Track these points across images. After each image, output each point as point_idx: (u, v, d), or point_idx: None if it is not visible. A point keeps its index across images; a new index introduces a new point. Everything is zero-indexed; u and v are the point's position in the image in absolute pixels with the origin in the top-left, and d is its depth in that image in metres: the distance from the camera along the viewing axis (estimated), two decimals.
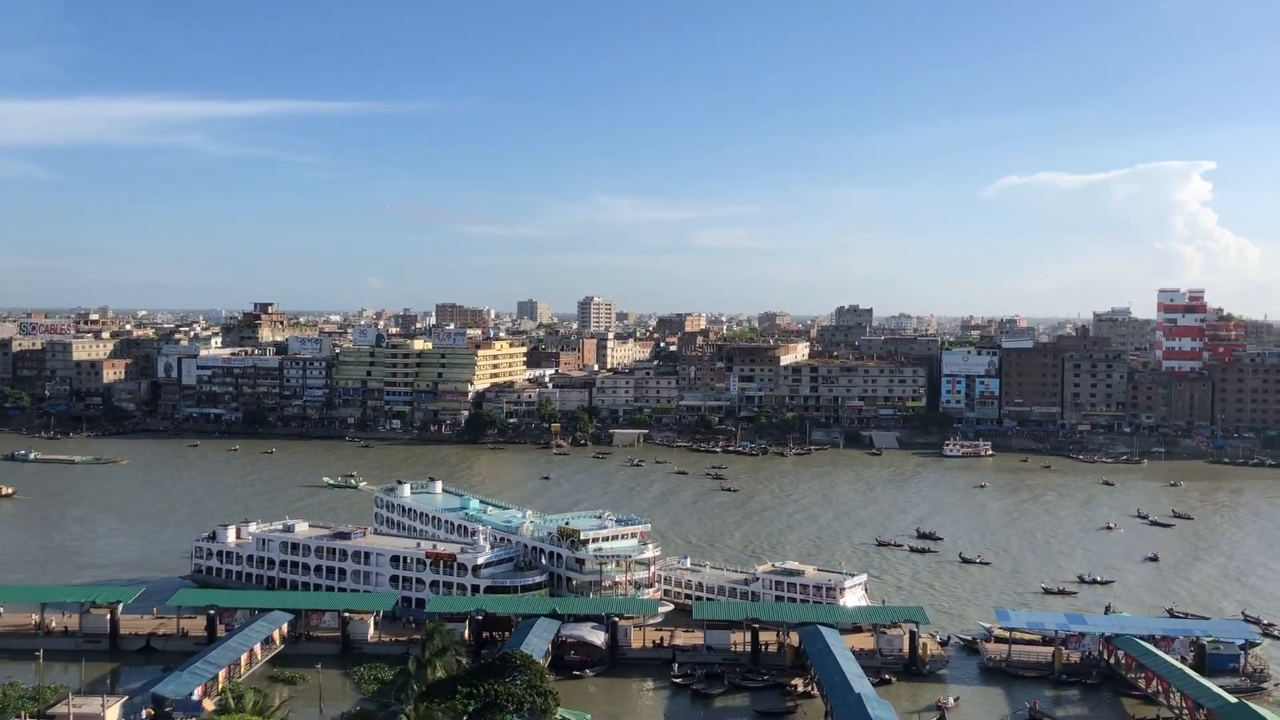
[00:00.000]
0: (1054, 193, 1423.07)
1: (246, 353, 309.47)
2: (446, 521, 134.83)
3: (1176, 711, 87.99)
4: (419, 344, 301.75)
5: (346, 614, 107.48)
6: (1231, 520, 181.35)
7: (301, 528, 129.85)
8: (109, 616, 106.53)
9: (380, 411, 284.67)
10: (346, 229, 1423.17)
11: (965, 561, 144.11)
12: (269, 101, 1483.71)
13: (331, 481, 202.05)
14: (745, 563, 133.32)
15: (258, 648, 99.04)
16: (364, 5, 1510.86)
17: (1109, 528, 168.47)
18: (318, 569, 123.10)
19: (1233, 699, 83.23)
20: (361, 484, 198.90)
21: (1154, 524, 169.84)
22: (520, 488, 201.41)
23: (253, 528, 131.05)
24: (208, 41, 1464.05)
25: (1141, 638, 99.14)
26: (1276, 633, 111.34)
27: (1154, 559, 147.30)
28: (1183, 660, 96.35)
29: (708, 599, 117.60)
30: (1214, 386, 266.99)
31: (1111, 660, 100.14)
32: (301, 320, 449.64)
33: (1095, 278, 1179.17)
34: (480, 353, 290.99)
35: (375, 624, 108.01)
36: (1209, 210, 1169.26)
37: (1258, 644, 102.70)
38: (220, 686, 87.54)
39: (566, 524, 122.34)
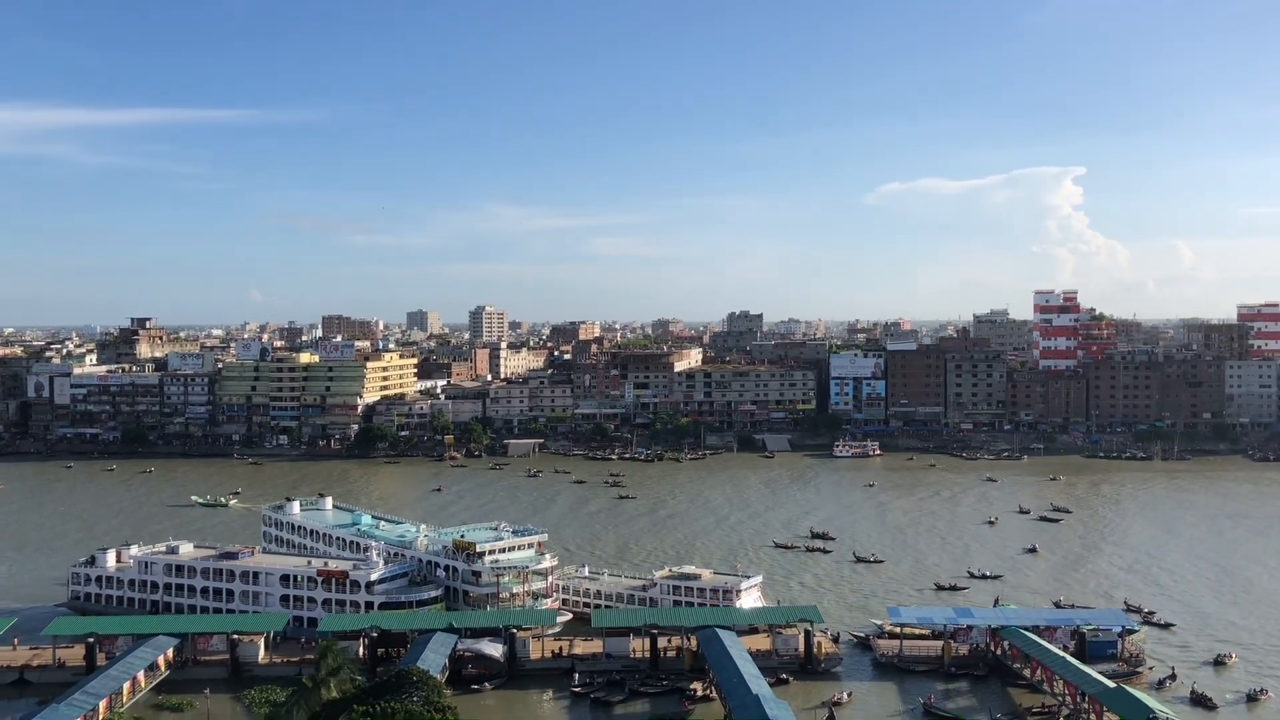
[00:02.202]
0: (934, 198, 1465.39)
1: (124, 370, 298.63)
2: (338, 538, 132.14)
3: (1060, 699, 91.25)
4: (305, 357, 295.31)
5: (235, 636, 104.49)
6: (1109, 512, 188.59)
7: (186, 549, 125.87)
8: None
9: (266, 427, 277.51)
10: (228, 241, 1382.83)
11: (859, 560, 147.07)
12: (144, 110, 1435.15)
13: (201, 501, 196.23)
14: (644, 569, 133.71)
15: (141, 675, 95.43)
16: (242, 10, 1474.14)
17: (990, 522, 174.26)
18: (204, 591, 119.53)
19: (1111, 684, 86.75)
20: (232, 503, 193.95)
21: (1043, 519, 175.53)
22: (414, 502, 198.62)
23: (134, 550, 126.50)
24: (74, 47, 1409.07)
25: (1026, 629, 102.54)
26: (1156, 620, 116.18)
27: (1033, 550, 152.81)
28: (1065, 649, 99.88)
29: (606, 607, 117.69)
30: (1088, 384, 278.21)
31: (998, 652, 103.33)
32: (181, 335, 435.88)
33: (975, 280, 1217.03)
34: (369, 365, 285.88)
35: (266, 645, 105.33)
36: (1081, 214, 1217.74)
37: (1135, 631, 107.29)
38: (101, 717, 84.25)
39: (462, 537, 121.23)
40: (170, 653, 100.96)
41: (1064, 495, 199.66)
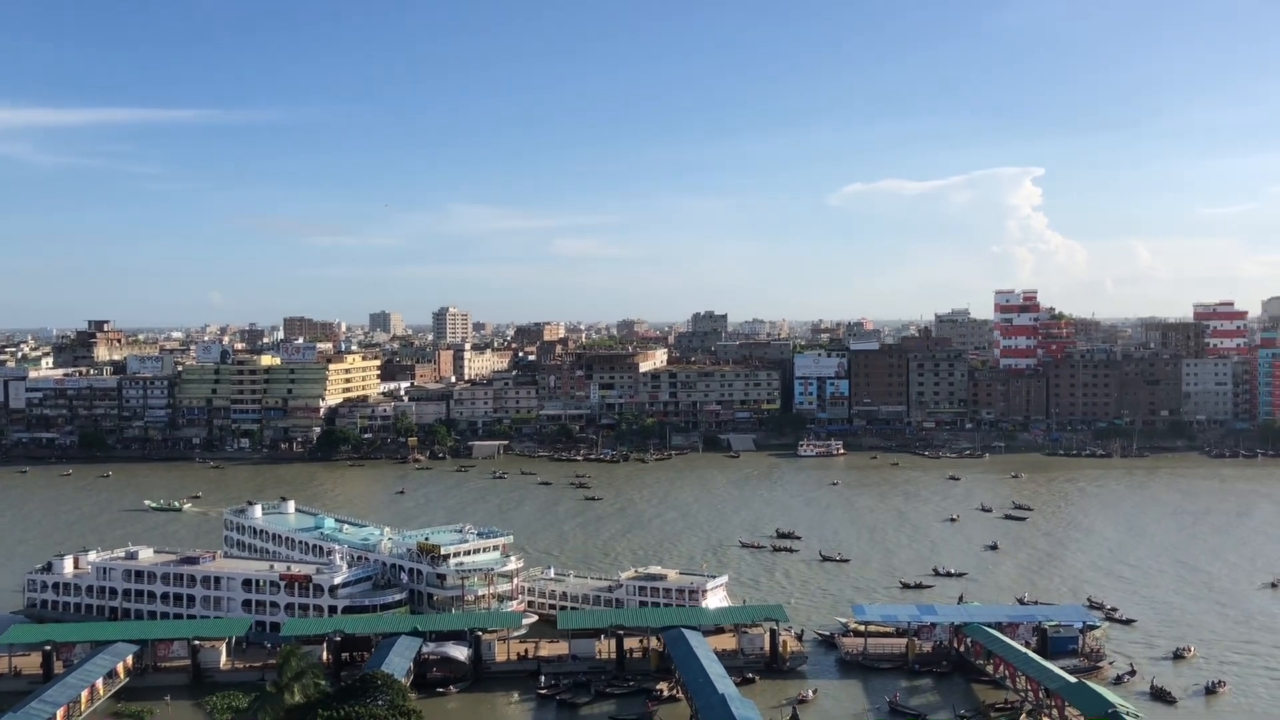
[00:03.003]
0: (896, 199, 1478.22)
1: (81, 373, 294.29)
2: (300, 542, 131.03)
3: (1022, 694, 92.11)
4: (267, 359, 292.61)
5: (196, 642, 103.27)
6: (1072, 510, 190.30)
7: (146, 554, 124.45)
8: None
9: (227, 430, 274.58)
10: (187, 242, 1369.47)
11: (825, 559, 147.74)
12: (102, 109, 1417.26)
13: (154, 505, 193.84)
14: (610, 570, 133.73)
15: (99, 683, 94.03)
16: (203, 9, 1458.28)
17: (952, 519, 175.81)
18: (164, 596, 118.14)
19: (1072, 679, 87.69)
20: (187, 506, 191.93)
21: (1008, 518, 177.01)
22: (377, 505, 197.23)
23: (92, 556, 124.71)
24: (29, 45, 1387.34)
25: (988, 625, 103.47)
26: (1118, 616, 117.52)
27: (994, 548, 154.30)
28: (1027, 645, 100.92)
29: (572, 608, 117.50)
30: (1048, 382, 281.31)
31: (961, 648, 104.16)
32: (140, 338, 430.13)
33: (936, 280, 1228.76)
34: (331, 367, 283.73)
35: (228, 651, 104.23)
36: (1040, 214, 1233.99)
37: (1096, 627, 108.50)
38: None
39: (426, 539, 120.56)
40: (130, 659, 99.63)
41: (1026, 493, 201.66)
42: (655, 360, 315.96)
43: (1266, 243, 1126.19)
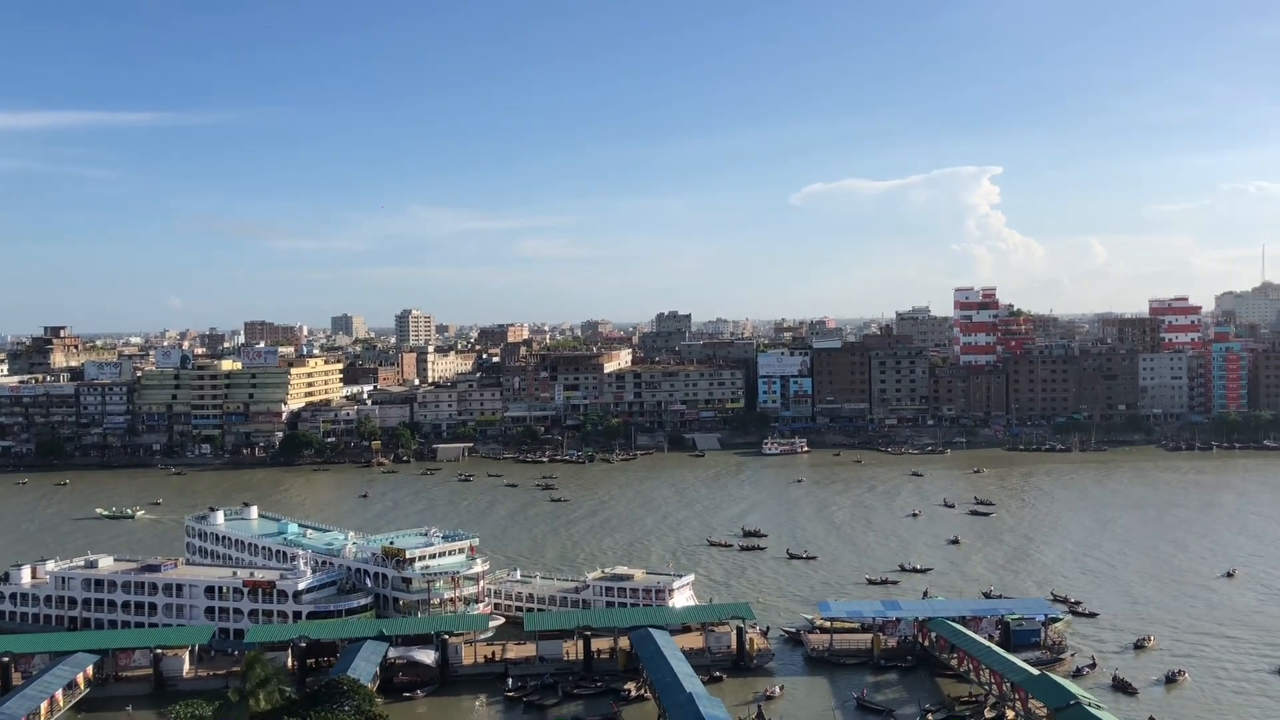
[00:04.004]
0: (857, 198, 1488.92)
1: (38, 380, 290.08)
2: (264, 548, 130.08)
3: (986, 687, 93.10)
4: (227, 364, 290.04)
5: (158, 651, 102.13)
6: (1035, 504, 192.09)
7: (106, 563, 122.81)
8: None
9: (188, 436, 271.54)
10: (144, 246, 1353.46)
11: (792, 557, 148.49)
12: (54, 112, 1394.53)
13: (106, 513, 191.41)
14: (577, 571, 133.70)
15: (59, 694, 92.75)
16: (157, 10, 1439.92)
17: (914, 515, 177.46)
18: (125, 605, 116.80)
19: (1035, 671, 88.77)
20: (139, 513, 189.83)
21: (973, 513, 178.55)
22: (343, 509, 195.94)
23: (50, 566, 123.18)
24: None
25: (952, 619, 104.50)
26: (1081, 609, 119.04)
27: (955, 542, 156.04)
28: (990, 638, 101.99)
29: (539, 610, 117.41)
30: (1008, 378, 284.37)
31: (926, 643, 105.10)
32: (98, 344, 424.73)
33: (897, 278, 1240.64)
34: (293, 371, 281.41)
35: (191, 659, 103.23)
36: (998, 212, 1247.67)
37: (1058, 619, 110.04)
38: None
39: (391, 543, 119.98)
40: (90, 670, 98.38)
41: (988, 488, 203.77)
42: (620, 361, 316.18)
43: (1218, 238, 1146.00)
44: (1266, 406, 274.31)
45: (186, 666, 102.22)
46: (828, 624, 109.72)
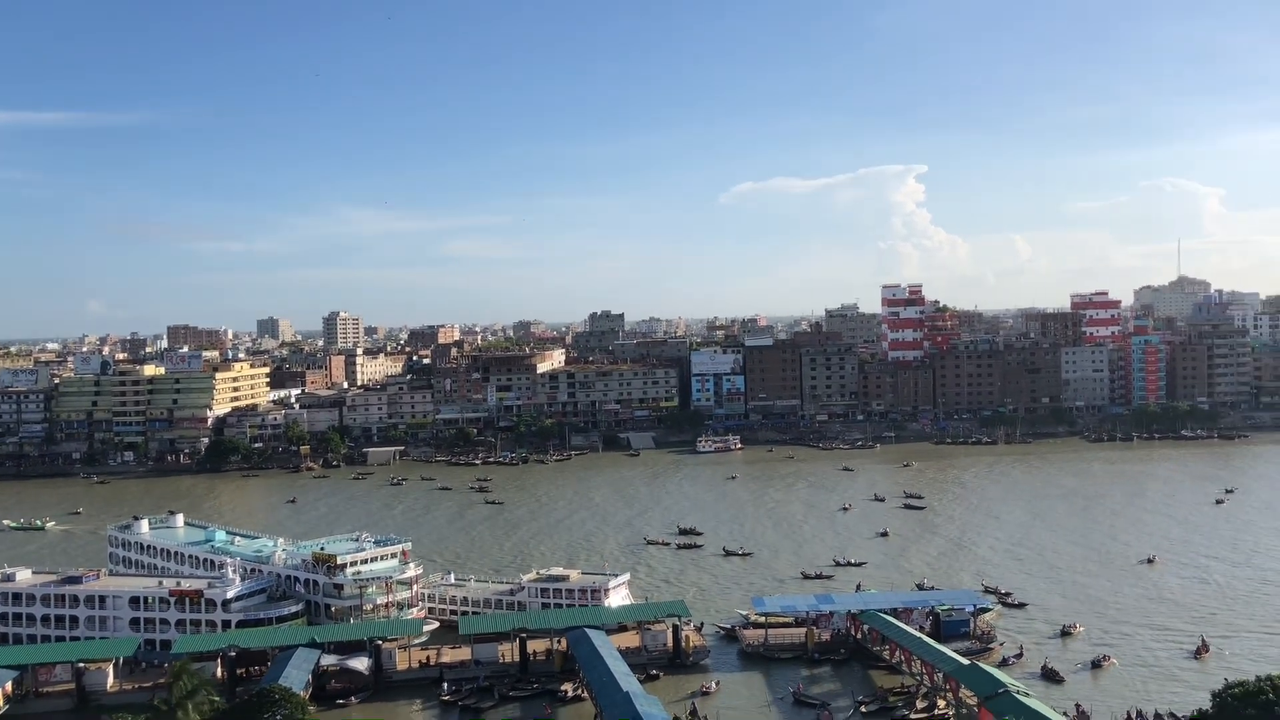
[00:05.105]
0: (786, 197, 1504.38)
1: None
2: (191, 556, 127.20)
3: (918, 678, 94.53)
4: (150, 369, 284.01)
5: (81, 664, 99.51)
6: (964, 496, 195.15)
7: (24, 575, 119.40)
8: None
9: (110, 444, 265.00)
10: (61, 250, 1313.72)
11: (729, 554, 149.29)
12: None
13: (13, 525, 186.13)
14: (515, 573, 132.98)
15: None
16: (72, 6, 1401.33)
17: (845, 509, 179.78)
18: (45, 619, 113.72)
19: (965, 661, 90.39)
20: (50, 524, 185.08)
21: (906, 506, 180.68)
22: (271, 516, 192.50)
23: None
24: None
25: (884, 612, 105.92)
26: (1011, 600, 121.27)
27: (884, 534, 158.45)
28: (921, 630, 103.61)
29: (474, 613, 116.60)
30: (934, 373, 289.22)
31: (859, 636, 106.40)
32: (13, 350, 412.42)
33: (826, 276, 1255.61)
34: (218, 375, 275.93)
35: (115, 672, 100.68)
36: (924, 210, 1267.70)
37: (988, 610, 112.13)
38: None
39: (322, 549, 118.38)
40: (9, 686, 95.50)
41: (918, 481, 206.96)
42: (553, 361, 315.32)
43: (1136, 234, 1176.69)
44: (1184, 397, 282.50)
45: (111, 680, 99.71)
46: (762, 619, 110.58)
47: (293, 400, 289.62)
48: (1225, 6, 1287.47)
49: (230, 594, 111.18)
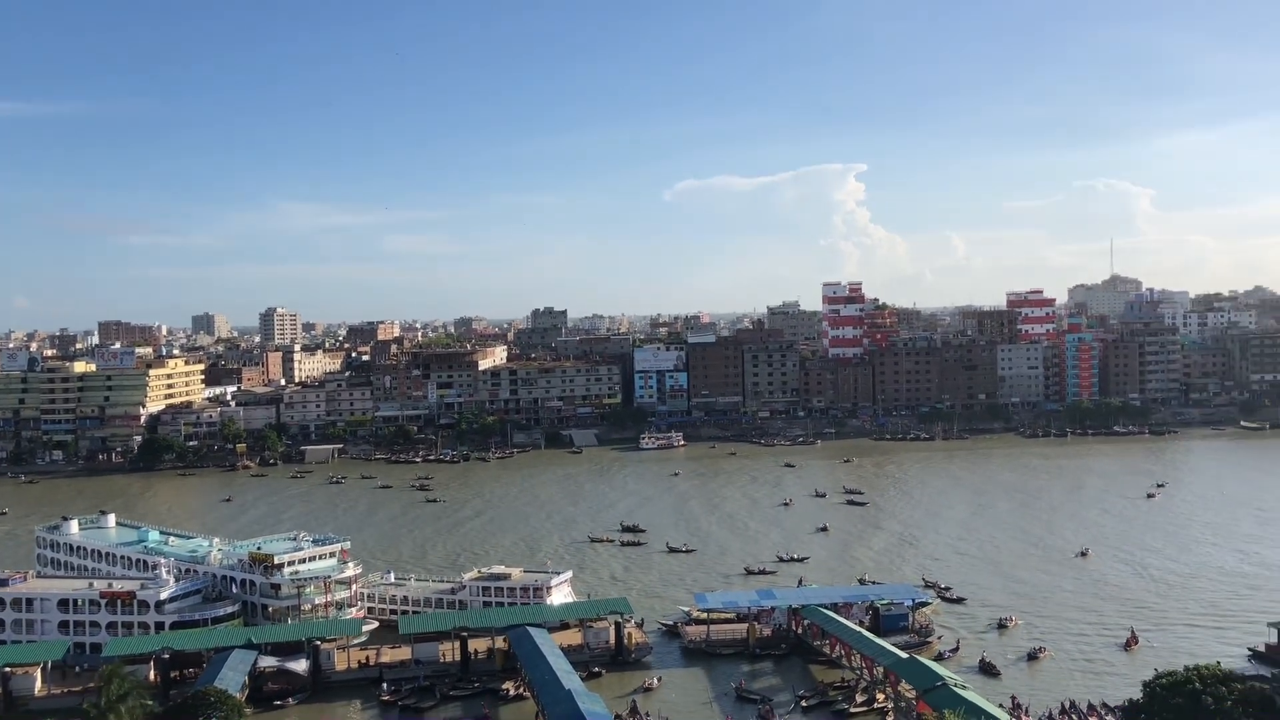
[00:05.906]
0: (729, 195, 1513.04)
1: None
2: (123, 557, 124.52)
3: (858, 671, 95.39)
4: (80, 366, 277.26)
5: (7, 669, 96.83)
6: (906, 492, 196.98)
7: None
8: None
9: (38, 442, 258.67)
10: None
11: (672, 550, 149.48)
12: None
13: None
14: (456, 572, 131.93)
15: None
16: None
17: (785, 504, 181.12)
18: None
19: (904, 654, 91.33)
20: None
21: (849, 503, 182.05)
22: (208, 516, 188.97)
23: None
24: None
25: (824, 607, 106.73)
26: (950, 594, 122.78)
27: (824, 530, 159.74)
28: (861, 624, 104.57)
29: (414, 612, 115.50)
30: (874, 370, 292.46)
31: (800, 630, 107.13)
32: None
33: (768, 273, 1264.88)
34: (152, 372, 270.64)
35: (43, 676, 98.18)
36: (863, 209, 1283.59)
37: (927, 604, 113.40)
38: None
39: (258, 549, 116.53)
40: None
41: (858, 477, 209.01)
42: (495, 358, 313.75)
43: (1070, 233, 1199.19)
44: (1116, 394, 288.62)
45: (39, 685, 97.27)
46: (704, 615, 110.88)
47: (229, 397, 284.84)
48: (1161, 10, 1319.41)
49: (164, 595, 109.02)
